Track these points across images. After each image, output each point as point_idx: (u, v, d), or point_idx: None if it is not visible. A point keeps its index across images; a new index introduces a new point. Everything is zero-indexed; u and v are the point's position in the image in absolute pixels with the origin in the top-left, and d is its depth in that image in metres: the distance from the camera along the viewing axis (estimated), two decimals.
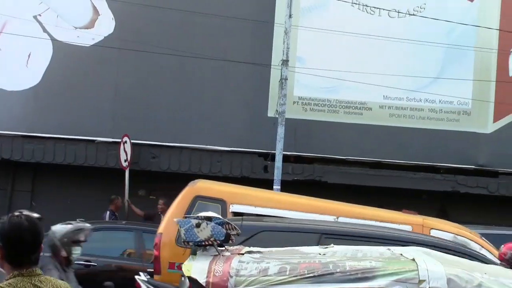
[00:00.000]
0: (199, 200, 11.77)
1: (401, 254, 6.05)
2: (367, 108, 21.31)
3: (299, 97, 21.35)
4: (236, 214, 11.48)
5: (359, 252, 6.22)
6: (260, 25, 20.93)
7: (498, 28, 21.08)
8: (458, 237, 11.50)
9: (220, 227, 6.09)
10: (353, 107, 21.32)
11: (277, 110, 19.68)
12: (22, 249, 4.26)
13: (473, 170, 21.07)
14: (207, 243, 6.05)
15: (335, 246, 6.50)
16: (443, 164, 21.09)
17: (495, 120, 21.23)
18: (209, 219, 6.18)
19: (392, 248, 6.38)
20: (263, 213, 11.62)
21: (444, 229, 11.75)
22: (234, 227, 6.25)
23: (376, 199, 17.85)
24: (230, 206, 11.69)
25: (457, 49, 20.96)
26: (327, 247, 6.39)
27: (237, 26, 20.85)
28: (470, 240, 11.51)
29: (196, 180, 12.71)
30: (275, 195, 12.82)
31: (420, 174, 21.02)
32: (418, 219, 12.28)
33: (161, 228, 11.65)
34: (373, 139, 21.06)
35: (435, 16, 20.48)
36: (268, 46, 21.12)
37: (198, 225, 6.03)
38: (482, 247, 11.33)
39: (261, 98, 21.06)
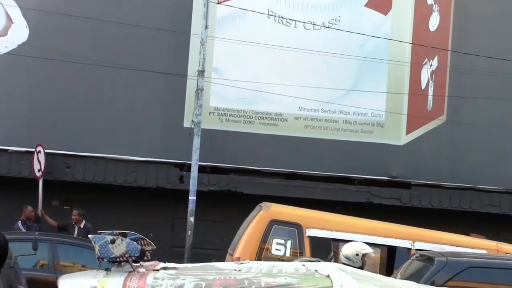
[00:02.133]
0: (275, 225, 11.73)
1: (316, 270, 6.08)
2: (282, 119, 21.45)
3: (215, 107, 21.37)
4: (311, 238, 11.45)
5: (274, 268, 6.23)
6: (177, 35, 20.87)
7: (411, 42, 21.46)
8: None
9: (135, 243, 6.05)
10: (269, 118, 21.43)
11: (193, 121, 19.62)
12: None
13: (387, 182, 21.38)
14: (121, 259, 6.00)
15: (250, 262, 6.51)
16: (357, 175, 21.35)
17: (407, 132, 21.61)
18: (124, 235, 6.13)
19: (307, 264, 6.42)
20: (338, 238, 11.64)
21: None
22: (150, 242, 6.21)
23: None
24: (306, 230, 11.68)
25: (371, 62, 21.25)
26: (242, 263, 6.39)
27: (153, 36, 20.75)
28: None
29: (267, 204, 12.62)
30: (351, 219, 12.75)
31: (334, 185, 21.24)
32: (492, 243, 12.54)
33: (238, 253, 11.54)
34: (288, 150, 21.19)
35: (349, 29, 20.74)
36: (184, 56, 21.08)
37: (113, 241, 5.97)
38: None
39: (177, 108, 21.00)
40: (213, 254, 17.77)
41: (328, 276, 5.87)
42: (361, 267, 8.01)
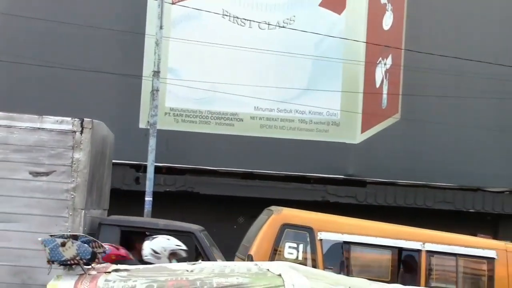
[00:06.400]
0: (287, 228, 11.72)
1: (268, 270, 6.08)
2: (238, 119, 21.46)
3: (170, 108, 21.32)
4: (323, 241, 11.48)
5: (226, 268, 6.23)
6: (131, 36, 20.79)
7: (365, 41, 21.58)
8: None
9: (86, 245, 6.01)
10: (225, 118, 21.43)
11: (148, 121, 19.52)
12: None
13: (342, 180, 21.48)
14: (72, 262, 5.96)
15: (202, 262, 6.51)
16: (313, 174, 21.43)
17: (363, 130, 21.74)
18: (75, 237, 6.09)
19: (260, 263, 6.43)
20: (351, 240, 11.65)
21: None
22: (101, 245, 6.18)
23: (248, 209, 17.96)
24: (318, 233, 11.66)
25: (326, 61, 21.34)
26: (195, 263, 6.39)
27: (107, 37, 20.66)
28: None
29: (278, 208, 12.58)
30: (362, 222, 12.75)
31: (291, 184, 21.29)
32: (501, 243, 12.68)
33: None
34: (245, 150, 21.20)
35: (304, 28, 20.80)
36: (139, 57, 21.02)
37: (63, 244, 5.93)
38: None
39: (133, 109, 20.92)
40: None
41: (279, 275, 5.88)
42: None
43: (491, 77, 21.34)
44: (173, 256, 8.46)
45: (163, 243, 8.50)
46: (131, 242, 9.93)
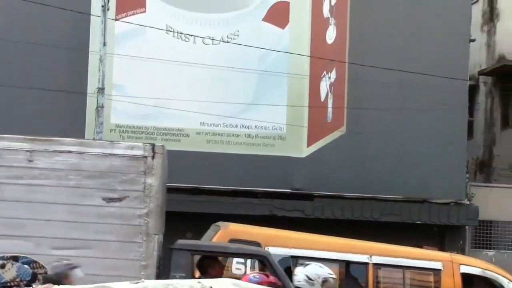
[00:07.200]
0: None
1: (211, 287, 6.07)
2: (184, 135, 21.41)
3: (116, 124, 21.20)
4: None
5: (169, 286, 6.19)
6: (75, 52, 20.64)
7: (309, 55, 21.67)
8: (487, 271, 12.31)
9: (26, 266, 5.94)
10: (171, 134, 21.36)
11: (94, 138, 19.38)
12: None
13: (290, 194, 21.50)
14: (13, 284, 5.87)
15: (146, 280, 6.46)
16: (260, 189, 21.42)
17: (309, 144, 21.80)
18: (15, 258, 6.01)
19: (203, 280, 6.40)
20: (298, 255, 11.59)
21: (473, 265, 12.52)
22: (42, 265, 6.10)
23: (195, 225, 17.88)
24: (265, 248, 11.57)
25: (270, 75, 21.39)
26: (138, 282, 6.33)
27: (51, 53, 20.46)
28: (498, 274, 12.36)
29: (225, 223, 12.50)
30: (309, 236, 12.72)
31: (238, 199, 21.26)
32: (446, 255, 13.12)
33: None
34: (191, 165, 21.12)
35: (248, 43, 20.83)
36: (83, 73, 20.85)
37: (3, 266, 5.85)
38: (510, 280, 12.23)
39: (78, 126, 20.70)
40: None
41: None
42: None
43: (437, 89, 21.56)
44: (325, 283, 8.49)
45: (317, 270, 8.56)
46: (202, 267, 10.12)
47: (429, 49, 22.24)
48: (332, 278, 8.51)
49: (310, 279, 8.34)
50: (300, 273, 8.37)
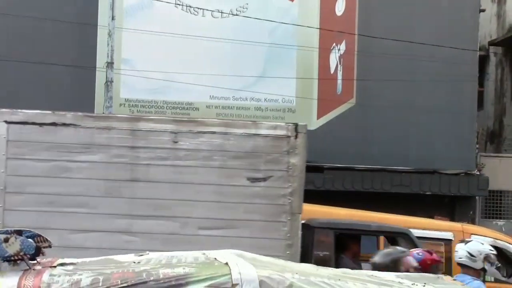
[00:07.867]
0: None
1: (215, 258, 6.07)
2: (194, 108, 21.42)
3: (125, 99, 21.23)
4: None
5: (174, 258, 6.19)
6: (84, 27, 20.65)
7: (319, 27, 21.62)
8: (498, 241, 12.25)
9: (30, 240, 5.95)
10: (180, 108, 21.38)
11: (103, 113, 19.44)
12: None
13: None
14: (16, 257, 5.90)
15: (150, 253, 6.48)
16: None
17: (318, 116, 21.79)
18: (19, 232, 6.03)
19: (208, 252, 6.41)
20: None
21: (484, 234, 12.47)
22: (46, 239, 6.11)
23: None
24: None
25: (280, 48, 21.36)
26: (142, 255, 6.35)
27: (59, 28, 20.49)
28: (509, 244, 12.53)
29: None
30: (319, 208, 12.78)
31: None
32: (457, 225, 13.21)
33: None
34: None
35: (257, 16, 20.80)
36: (92, 48, 20.88)
37: (6, 240, 5.86)
38: None
39: (87, 101, 20.75)
40: None
41: (226, 263, 5.88)
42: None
43: (446, 60, 21.48)
44: (486, 259, 8.50)
45: (479, 246, 8.53)
46: (343, 245, 10.26)
47: (438, 19, 22.15)
48: (494, 254, 8.54)
49: (472, 255, 8.34)
50: (461, 249, 8.37)
